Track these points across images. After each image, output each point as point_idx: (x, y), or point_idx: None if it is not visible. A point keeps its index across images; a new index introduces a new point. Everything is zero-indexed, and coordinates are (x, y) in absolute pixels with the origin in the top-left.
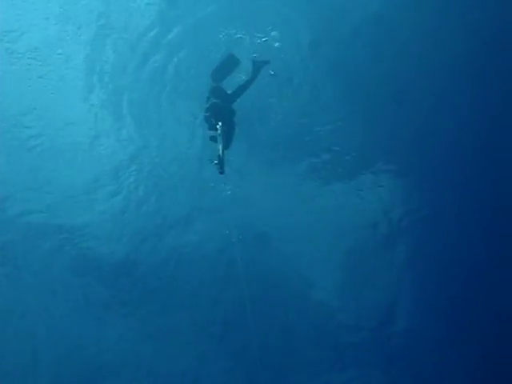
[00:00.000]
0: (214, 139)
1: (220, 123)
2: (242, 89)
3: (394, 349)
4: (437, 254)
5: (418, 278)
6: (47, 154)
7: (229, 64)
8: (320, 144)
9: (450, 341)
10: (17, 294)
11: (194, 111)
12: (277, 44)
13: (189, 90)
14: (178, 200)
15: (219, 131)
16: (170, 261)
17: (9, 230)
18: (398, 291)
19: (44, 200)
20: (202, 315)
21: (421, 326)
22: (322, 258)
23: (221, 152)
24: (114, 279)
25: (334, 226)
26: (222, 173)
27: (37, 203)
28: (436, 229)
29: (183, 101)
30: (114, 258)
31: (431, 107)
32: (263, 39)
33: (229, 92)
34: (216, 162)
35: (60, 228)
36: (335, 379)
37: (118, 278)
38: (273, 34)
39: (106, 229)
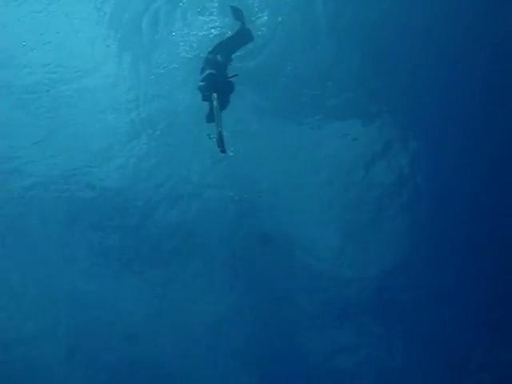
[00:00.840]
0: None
1: (215, 95)
2: (230, 48)
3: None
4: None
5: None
6: (55, 124)
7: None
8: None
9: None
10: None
11: None
12: None
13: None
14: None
15: (215, 103)
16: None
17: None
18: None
19: (52, 172)
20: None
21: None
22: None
23: (220, 127)
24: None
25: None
26: (223, 152)
27: (44, 176)
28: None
29: None
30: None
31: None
32: None
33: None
34: (215, 138)
35: (70, 199)
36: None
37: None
38: None
39: (117, 199)
